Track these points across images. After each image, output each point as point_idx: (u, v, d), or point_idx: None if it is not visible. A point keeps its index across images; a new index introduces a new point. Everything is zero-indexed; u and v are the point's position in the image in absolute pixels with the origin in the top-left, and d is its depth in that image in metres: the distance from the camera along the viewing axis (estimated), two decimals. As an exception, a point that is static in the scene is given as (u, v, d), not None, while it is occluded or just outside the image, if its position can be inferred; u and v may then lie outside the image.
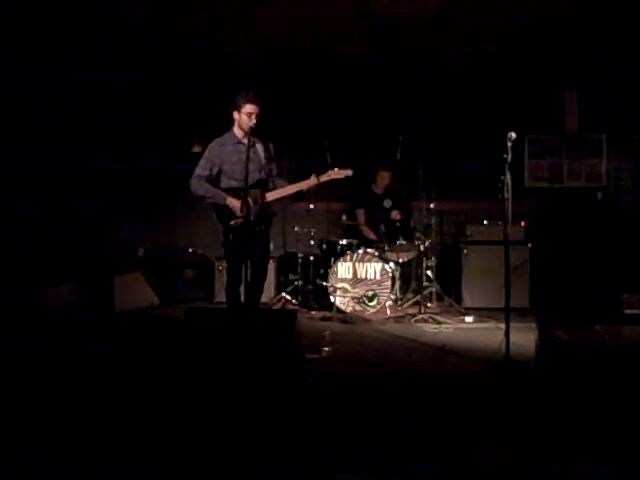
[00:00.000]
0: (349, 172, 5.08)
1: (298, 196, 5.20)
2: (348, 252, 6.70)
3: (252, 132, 4.86)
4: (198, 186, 4.99)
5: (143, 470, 2.69)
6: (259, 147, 5.04)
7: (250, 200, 4.86)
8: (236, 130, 5.00)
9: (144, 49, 7.40)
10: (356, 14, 6.23)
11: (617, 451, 2.90)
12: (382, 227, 6.99)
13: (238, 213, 4.81)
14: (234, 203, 4.84)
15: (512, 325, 4.30)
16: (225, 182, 5.00)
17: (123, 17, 6.40)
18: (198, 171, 5.01)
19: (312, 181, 5.02)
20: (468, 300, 7.04)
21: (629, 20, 6.29)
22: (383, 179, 7.40)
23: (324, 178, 5.02)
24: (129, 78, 7.89)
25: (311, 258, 7.16)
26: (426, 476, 2.65)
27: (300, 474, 2.68)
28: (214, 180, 5.02)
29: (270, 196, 5.03)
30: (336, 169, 5.05)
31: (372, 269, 6.59)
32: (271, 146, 5.17)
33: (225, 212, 4.92)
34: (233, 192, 4.90)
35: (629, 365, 3.67)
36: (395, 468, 2.73)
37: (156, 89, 8.04)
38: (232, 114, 5.00)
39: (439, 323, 6.16)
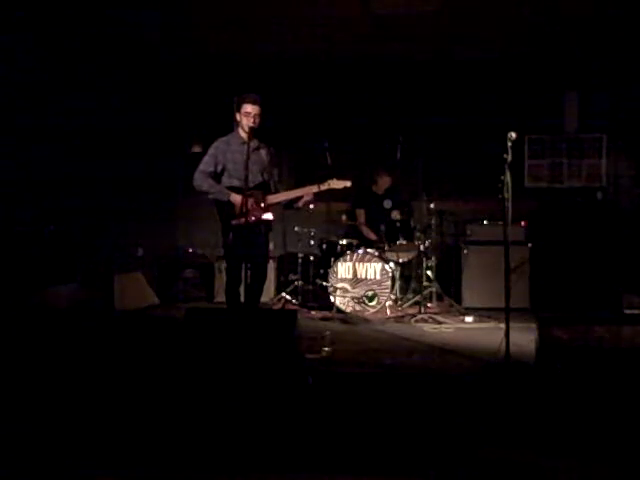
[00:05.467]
0: (348, 183, 5.17)
1: (289, 205, 5.26)
2: (348, 252, 6.70)
3: (255, 136, 4.90)
4: (202, 181, 5.00)
5: (142, 473, 2.69)
6: (263, 151, 5.10)
7: (252, 201, 4.89)
8: (240, 131, 5.04)
9: (144, 50, 7.39)
10: (356, 15, 6.23)
11: (617, 451, 2.90)
12: (382, 227, 7.00)
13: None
14: (238, 201, 4.84)
15: (512, 325, 4.30)
16: (227, 181, 5.02)
17: (124, 18, 6.39)
18: (202, 167, 5.03)
19: (312, 188, 5.10)
20: (468, 300, 7.05)
21: (629, 20, 6.29)
22: (384, 182, 7.41)
23: (324, 187, 5.11)
24: (129, 78, 7.90)
25: (311, 258, 7.16)
26: (426, 476, 2.65)
27: (300, 474, 2.68)
28: (217, 178, 5.04)
29: (271, 199, 5.05)
30: (335, 179, 5.13)
31: (372, 269, 6.59)
32: (274, 151, 5.22)
33: (227, 210, 4.93)
34: (235, 191, 4.92)
35: (629, 365, 3.67)
36: (395, 468, 2.73)
37: (156, 89, 8.05)
38: (235, 115, 5.05)
39: (439, 323, 6.16)
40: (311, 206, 6.88)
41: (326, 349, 4.72)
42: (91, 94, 7.81)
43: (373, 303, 6.53)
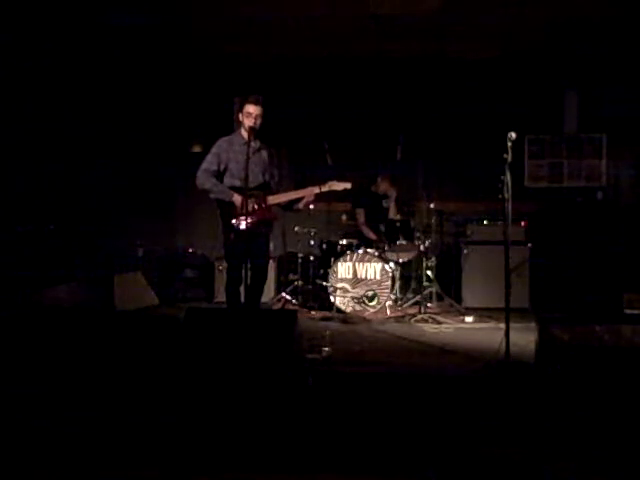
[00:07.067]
0: (348, 185, 5.20)
1: (289, 206, 5.25)
2: (348, 252, 6.70)
3: (256, 136, 4.90)
4: (205, 179, 4.99)
5: (142, 473, 2.69)
6: (264, 152, 5.10)
7: (253, 201, 4.89)
8: (242, 131, 5.04)
9: (145, 50, 7.39)
10: (356, 15, 6.23)
11: (617, 451, 2.91)
12: (382, 227, 6.99)
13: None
14: (239, 202, 4.84)
15: (512, 325, 4.29)
16: (228, 181, 5.02)
17: (125, 18, 6.39)
18: (205, 165, 5.02)
19: (313, 190, 5.11)
20: (468, 300, 7.05)
21: (629, 20, 6.29)
22: (384, 186, 7.39)
23: (324, 188, 5.14)
24: (130, 78, 7.90)
25: (311, 258, 7.16)
26: (425, 476, 2.65)
27: (301, 474, 2.68)
28: (219, 178, 5.04)
29: (272, 199, 5.05)
30: (336, 181, 5.15)
31: (372, 269, 6.59)
32: (274, 152, 5.22)
33: (229, 210, 4.92)
34: (236, 191, 4.92)
35: (629, 365, 3.67)
36: (394, 468, 2.73)
37: (157, 89, 8.05)
38: (237, 116, 5.06)
39: (439, 323, 6.16)
40: (311, 206, 6.92)
41: (326, 349, 4.72)
42: (90, 94, 7.82)
43: (373, 303, 6.53)
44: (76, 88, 7.68)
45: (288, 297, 7.00)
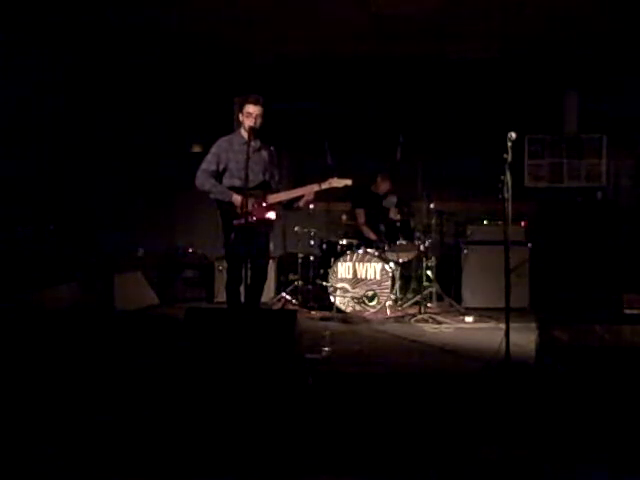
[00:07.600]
0: (348, 182, 5.16)
1: (289, 204, 5.25)
2: (348, 252, 6.70)
3: (256, 136, 4.90)
4: (204, 180, 4.99)
5: (142, 476, 2.69)
6: (264, 151, 5.10)
7: (253, 201, 4.88)
8: (242, 131, 5.04)
9: (145, 49, 7.39)
10: (356, 14, 6.23)
11: (616, 451, 2.91)
12: (382, 227, 6.99)
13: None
14: (239, 202, 4.84)
15: (512, 325, 4.30)
16: (228, 181, 5.01)
17: (125, 18, 6.39)
18: (205, 165, 5.02)
19: (313, 187, 5.09)
20: (468, 300, 7.04)
21: (629, 20, 6.29)
22: (384, 186, 7.39)
23: (325, 186, 5.11)
24: (129, 78, 7.90)
25: (311, 258, 7.16)
26: (426, 476, 2.65)
27: (301, 474, 2.68)
28: (219, 178, 5.04)
29: (272, 198, 5.05)
30: (336, 178, 5.12)
31: (372, 269, 6.59)
32: (274, 152, 5.22)
33: (229, 210, 4.92)
34: (236, 191, 4.91)
35: (629, 365, 3.67)
36: (395, 468, 2.73)
37: (156, 89, 8.06)
38: (237, 116, 5.05)
39: (439, 323, 6.17)
40: (311, 206, 6.91)
41: (326, 349, 4.72)
42: (90, 95, 7.82)
43: (373, 303, 6.53)
44: (76, 88, 7.67)
45: (288, 297, 7.00)
